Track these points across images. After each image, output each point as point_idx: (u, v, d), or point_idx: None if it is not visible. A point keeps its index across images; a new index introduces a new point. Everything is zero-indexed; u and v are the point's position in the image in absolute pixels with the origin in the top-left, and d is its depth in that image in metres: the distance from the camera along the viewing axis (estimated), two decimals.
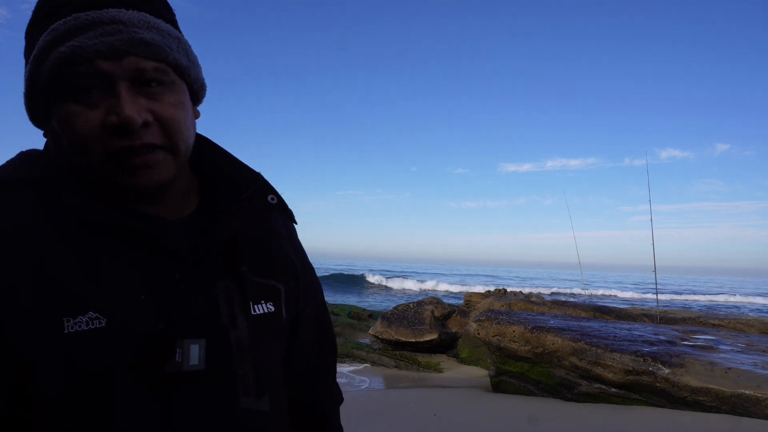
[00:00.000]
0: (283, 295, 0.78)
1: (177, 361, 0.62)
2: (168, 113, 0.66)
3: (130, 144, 0.63)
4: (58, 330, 0.58)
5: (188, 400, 0.63)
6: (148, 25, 0.66)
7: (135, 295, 0.63)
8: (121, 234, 0.64)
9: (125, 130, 0.62)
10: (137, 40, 0.64)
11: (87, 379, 0.59)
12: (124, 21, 0.64)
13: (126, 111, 0.62)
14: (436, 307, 8.39)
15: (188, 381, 0.63)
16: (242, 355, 0.69)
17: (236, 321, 0.69)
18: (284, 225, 0.86)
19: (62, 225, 0.63)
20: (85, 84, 0.63)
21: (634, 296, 27.83)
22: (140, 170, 0.64)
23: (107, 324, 0.60)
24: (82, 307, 0.60)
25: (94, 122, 0.62)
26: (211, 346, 0.66)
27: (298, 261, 0.85)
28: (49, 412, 0.58)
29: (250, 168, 0.80)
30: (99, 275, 0.62)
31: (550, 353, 4.95)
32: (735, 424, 3.63)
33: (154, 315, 0.63)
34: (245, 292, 0.71)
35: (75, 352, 0.59)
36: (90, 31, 0.62)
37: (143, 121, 0.63)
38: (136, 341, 0.61)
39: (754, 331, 6.87)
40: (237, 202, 0.75)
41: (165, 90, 0.67)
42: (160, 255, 0.66)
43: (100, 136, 0.63)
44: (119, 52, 0.63)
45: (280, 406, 0.75)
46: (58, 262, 0.61)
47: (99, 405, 0.59)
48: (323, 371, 0.92)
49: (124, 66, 0.63)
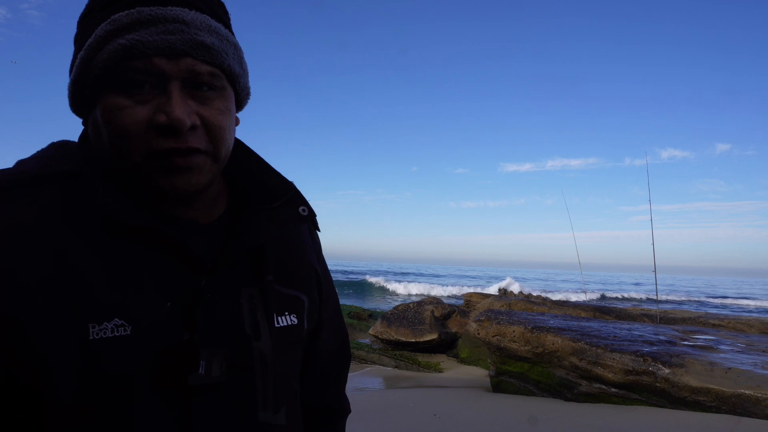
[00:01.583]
0: (306, 306, 0.77)
1: (200, 373, 0.61)
2: (215, 119, 0.65)
3: (176, 146, 0.62)
4: (83, 336, 0.57)
5: (208, 412, 0.62)
6: (209, 28, 0.65)
7: (161, 303, 0.61)
8: (149, 237, 0.63)
9: (173, 130, 0.61)
10: (197, 43, 0.63)
11: (107, 386, 0.58)
12: (187, 21, 0.63)
13: (176, 112, 0.61)
14: (436, 307, 8.39)
15: (209, 393, 0.62)
16: (264, 368, 0.67)
17: (259, 332, 0.68)
18: (310, 233, 0.85)
19: (88, 225, 0.61)
20: (139, 79, 0.61)
21: (640, 296, 27.62)
22: (181, 172, 0.63)
23: (132, 332, 0.59)
24: (108, 313, 0.58)
25: (141, 118, 0.61)
26: (234, 357, 0.64)
27: (321, 270, 0.84)
28: (64, 417, 0.57)
29: (284, 177, 0.79)
30: (125, 280, 0.60)
31: (550, 353, 4.95)
32: (735, 424, 3.62)
33: (179, 324, 0.62)
34: (269, 303, 0.70)
35: (98, 359, 0.57)
36: (152, 27, 0.61)
37: (191, 124, 0.62)
38: (159, 351, 0.60)
39: (754, 331, 6.87)
40: (268, 210, 0.74)
41: (215, 95, 0.66)
42: (187, 261, 0.64)
43: (144, 134, 0.61)
44: (178, 52, 0.62)
45: (296, 419, 0.75)
46: (83, 264, 0.59)
47: (117, 413, 0.58)
48: (336, 380, 0.92)
49: (180, 66, 0.62)
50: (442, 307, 8.44)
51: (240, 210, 0.75)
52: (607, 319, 7.39)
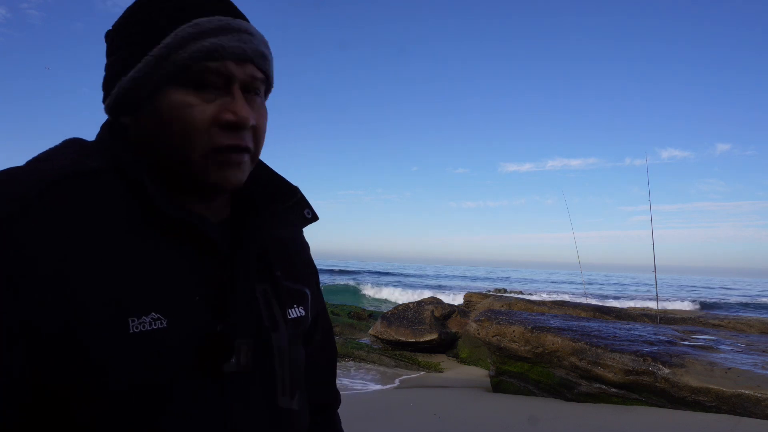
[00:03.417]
0: (309, 300, 0.84)
1: (233, 362, 0.66)
2: (261, 122, 0.72)
3: (238, 143, 0.68)
4: (123, 330, 0.60)
5: (241, 397, 0.67)
6: (264, 41, 0.73)
7: (190, 296, 0.65)
8: (179, 231, 0.67)
9: (237, 128, 0.67)
10: (259, 52, 0.71)
11: (149, 379, 0.61)
12: (252, 32, 0.71)
13: (243, 111, 0.67)
14: (436, 307, 8.40)
15: (240, 380, 0.67)
16: (281, 356, 0.73)
17: (277, 323, 0.74)
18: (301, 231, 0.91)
19: (121, 221, 0.64)
20: (211, 80, 0.67)
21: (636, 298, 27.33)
22: (232, 168, 0.69)
23: (168, 324, 0.62)
24: (146, 307, 0.61)
25: (208, 115, 0.67)
26: (257, 346, 0.70)
27: (313, 265, 0.91)
28: (111, 411, 0.59)
29: (289, 182, 0.84)
30: (158, 275, 0.64)
31: (550, 353, 4.95)
32: (735, 424, 3.63)
33: (210, 315, 0.66)
34: (281, 296, 0.76)
35: (139, 352, 0.60)
36: (230, 35, 0.68)
37: (253, 124, 0.69)
38: (195, 341, 0.64)
39: (754, 331, 6.87)
40: (276, 213, 0.79)
41: (260, 100, 0.73)
42: (210, 254, 0.69)
43: (208, 130, 0.67)
44: (246, 59, 0.69)
45: (305, 405, 0.80)
46: (121, 259, 0.62)
47: (159, 404, 0.61)
48: (327, 372, 0.97)
49: (245, 71, 0.69)
50: (442, 307, 8.45)
51: (245, 212, 0.79)
52: (607, 319, 7.39)
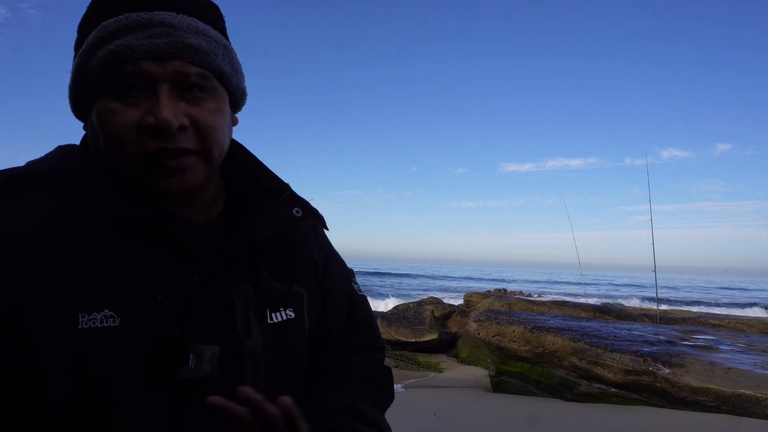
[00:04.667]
0: (305, 300, 0.78)
1: (190, 367, 0.62)
2: (206, 119, 0.66)
3: (165, 146, 0.63)
4: (72, 324, 0.58)
5: (199, 406, 0.61)
6: (197, 30, 0.66)
7: (152, 296, 0.63)
8: (144, 232, 0.64)
9: (161, 132, 0.63)
10: (183, 45, 0.64)
11: (95, 378, 0.59)
12: (173, 24, 0.64)
13: (163, 113, 0.62)
14: (436, 307, 8.39)
15: (200, 387, 0.63)
16: (255, 364, 0.68)
17: (250, 329, 0.69)
18: (314, 229, 0.86)
19: (86, 220, 0.64)
20: (129, 83, 0.63)
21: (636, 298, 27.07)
22: (173, 173, 0.65)
23: (121, 323, 0.60)
24: (98, 304, 0.60)
25: (132, 121, 0.63)
26: (225, 353, 0.65)
27: (324, 263, 0.85)
28: (54, 408, 0.58)
29: (280, 179, 0.81)
30: (118, 273, 0.62)
31: (550, 353, 4.95)
32: (735, 424, 3.62)
33: (170, 318, 0.63)
34: (263, 299, 0.71)
35: (85, 349, 0.59)
36: (139, 32, 0.63)
37: (180, 125, 0.64)
38: (148, 343, 0.61)
39: (754, 331, 6.86)
40: (263, 210, 0.75)
41: (206, 96, 0.67)
42: (181, 256, 0.66)
43: (136, 135, 0.63)
44: (164, 55, 0.63)
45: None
46: (77, 256, 0.61)
47: (105, 404, 0.59)
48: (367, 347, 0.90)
49: (167, 69, 0.64)
50: (442, 307, 8.44)
51: (237, 210, 0.77)
52: (607, 319, 7.39)
